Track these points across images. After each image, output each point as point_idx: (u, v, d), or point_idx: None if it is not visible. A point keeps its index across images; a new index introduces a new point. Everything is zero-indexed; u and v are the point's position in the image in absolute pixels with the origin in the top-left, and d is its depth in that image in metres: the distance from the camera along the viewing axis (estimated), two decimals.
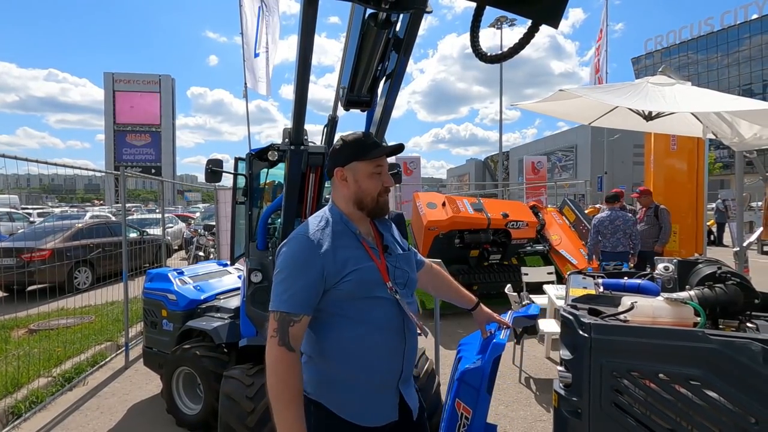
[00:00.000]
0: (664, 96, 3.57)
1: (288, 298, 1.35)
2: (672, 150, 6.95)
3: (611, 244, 5.17)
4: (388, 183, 1.53)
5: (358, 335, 1.44)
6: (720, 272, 1.68)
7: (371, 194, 1.50)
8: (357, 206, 1.52)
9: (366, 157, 1.48)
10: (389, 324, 1.48)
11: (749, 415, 1.31)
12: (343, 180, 1.52)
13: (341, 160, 1.52)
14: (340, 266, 1.40)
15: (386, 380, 1.50)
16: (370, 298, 1.45)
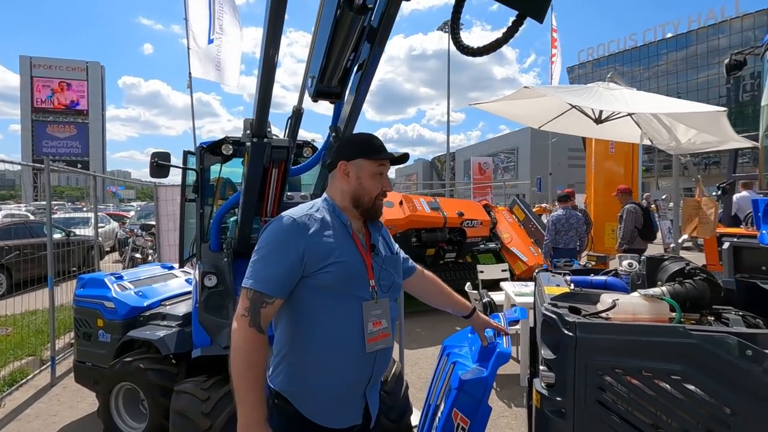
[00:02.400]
0: (615, 98, 3.76)
1: (264, 278, 1.33)
2: (611, 153, 7.43)
3: (564, 241, 5.42)
4: (387, 187, 1.54)
5: (331, 336, 1.39)
6: (689, 268, 1.75)
7: (370, 194, 1.50)
8: (353, 203, 1.51)
9: (373, 156, 1.49)
10: (361, 323, 1.42)
11: (725, 407, 1.36)
12: (345, 174, 1.51)
13: (347, 154, 1.51)
14: (324, 254, 1.37)
15: (355, 384, 1.46)
16: (349, 294, 1.41)
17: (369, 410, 1.51)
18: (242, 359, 1.29)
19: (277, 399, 1.44)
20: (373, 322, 1.44)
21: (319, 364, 1.39)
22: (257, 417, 1.27)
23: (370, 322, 1.43)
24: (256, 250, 1.41)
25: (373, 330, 1.44)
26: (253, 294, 1.33)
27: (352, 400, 1.46)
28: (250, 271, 1.37)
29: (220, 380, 2.60)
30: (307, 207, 1.49)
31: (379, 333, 1.45)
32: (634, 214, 5.47)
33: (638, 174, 7.20)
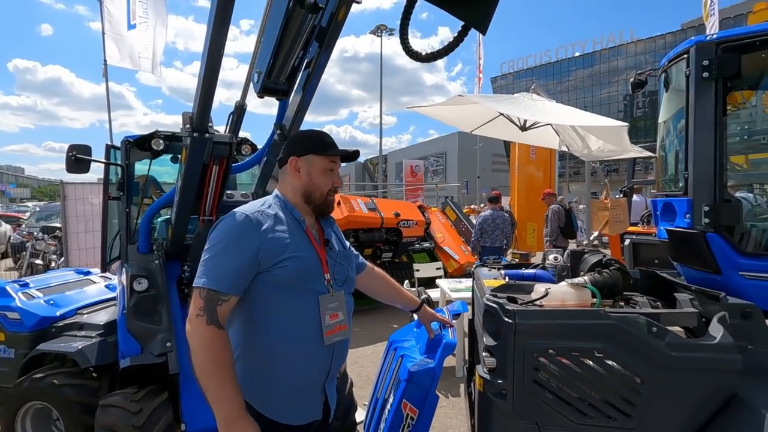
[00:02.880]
0: (538, 109, 4.12)
1: (218, 276, 1.31)
2: (531, 159, 8.07)
3: (491, 240, 5.80)
4: (338, 183, 1.56)
5: (288, 330, 1.39)
6: (605, 260, 1.99)
7: (321, 190, 1.52)
8: (305, 199, 1.52)
9: (323, 153, 1.51)
10: (318, 317, 1.44)
11: (636, 377, 1.57)
12: (296, 170, 1.51)
13: (298, 150, 1.52)
14: (279, 249, 1.37)
15: (315, 378, 1.47)
16: (303, 288, 1.42)
17: (328, 404, 1.52)
18: (208, 359, 1.25)
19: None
20: (330, 315, 1.46)
21: (278, 360, 1.38)
22: (236, 409, 1.23)
23: (327, 315, 1.45)
24: (208, 249, 1.37)
25: (331, 323, 1.46)
26: (207, 293, 1.29)
27: (312, 396, 1.47)
28: (202, 270, 1.33)
29: (153, 391, 2.44)
30: (259, 204, 1.48)
31: (336, 325, 1.48)
32: (558, 214, 6.06)
33: (555, 178, 7.91)
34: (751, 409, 1.45)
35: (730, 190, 1.93)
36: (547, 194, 6.45)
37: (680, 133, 2.16)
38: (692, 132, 1.97)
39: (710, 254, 1.92)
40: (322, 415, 1.50)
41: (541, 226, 7.97)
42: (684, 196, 2.01)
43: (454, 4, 1.56)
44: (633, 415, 1.56)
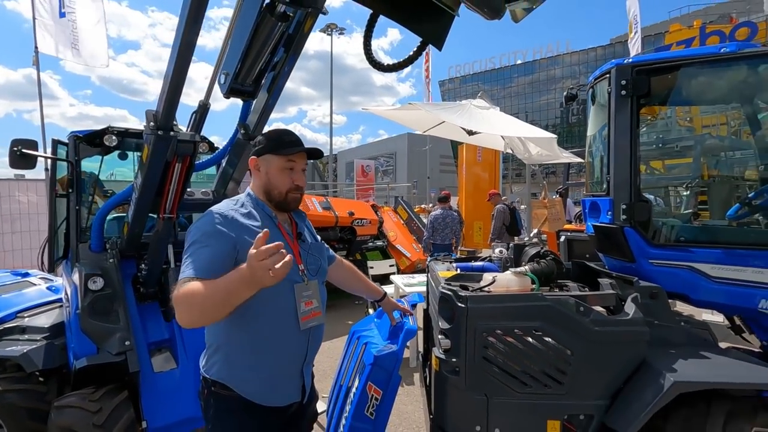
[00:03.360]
0: (483, 117, 4.44)
1: (200, 266, 1.34)
2: (478, 161, 8.53)
3: (441, 238, 6.10)
4: (298, 181, 1.60)
5: (267, 318, 1.48)
6: (543, 251, 2.27)
7: (279, 189, 1.57)
8: (266, 197, 1.59)
9: (278, 152, 1.56)
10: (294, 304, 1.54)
11: (567, 349, 1.84)
12: (256, 170, 1.59)
13: (257, 150, 1.59)
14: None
15: (294, 361, 1.57)
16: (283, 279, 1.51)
17: (305, 387, 1.63)
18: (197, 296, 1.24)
19: (215, 387, 1.48)
20: (305, 302, 1.57)
21: (259, 346, 1.47)
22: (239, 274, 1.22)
23: (302, 302, 1.56)
24: (188, 247, 1.42)
25: (306, 309, 1.57)
26: (181, 281, 1.33)
27: (291, 378, 1.57)
28: (185, 265, 1.37)
29: (112, 390, 2.41)
30: (232, 203, 1.56)
31: (311, 312, 1.59)
32: (503, 213, 6.51)
33: (499, 179, 8.43)
34: (655, 372, 1.76)
35: (643, 191, 2.27)
36: (493, 194, 6.90)
37: (604, 141, 2.49)
38: (613, 141, 2.30)
39: (627, 245, 2.25)
40: (300, 397, 1.61)
41: (487, 225, 8.46)
42: (607, 196, 2.33)
43: (413, 22, 1.74)
44: (565, 382, 1.83)
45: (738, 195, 2.51)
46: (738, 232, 2.29)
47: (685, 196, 2.57)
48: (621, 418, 1.75)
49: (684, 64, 2.20)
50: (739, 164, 2.57)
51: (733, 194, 2.50)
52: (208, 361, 1.52)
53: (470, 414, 1.88)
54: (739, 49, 2.10)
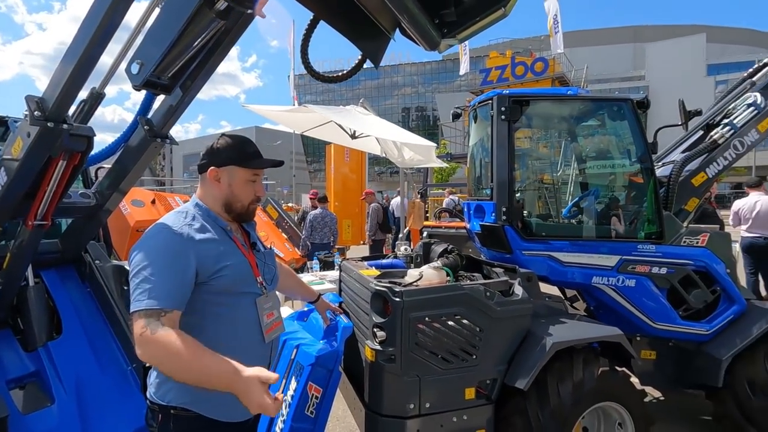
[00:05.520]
0: (366, 122, 4.74)
1: (157, 295, 1.26)
2: (346, 161, 8.88)
3: (320, 237, 6.22)
4: (260, 193, 1.58)
5: (230, 333, 1.45)
6: (449, 248, 2.66)
7: (242, 201, 1.52)
8: (225, 209, 1.52)
9: (245, 165, 1.50)
10: (257, 318, 1.54)
11: (477, 327, 2.24)
12: (216, 180, 1.50)
13: (218, 161, 1.49)
14: (213, 261, 1.40)
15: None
16: (240, 293, 1.49)
17: None
18: (178, 360, 1.19)
19: (174, 410, 1.37)
20: (267, 314, 1.56)
21: None
22: (230, 370, 1.19)
23: (264, 315, 1.54)
24: (137, 272, 1.29)
25: (268, 321, 1.56)
26: (145, 313, 1.24)
27: None
28: (137, 295, 1.26)
29: None
30: (181, 216, 1.44)
31: (273, 323, 1.59)
32: (377, 212, 6.96)
33: (366, 179, 8.94)
34: (537, 338, 2.29)
35: (517, 196, 2.85)
36: (368, 194, 7.34)
37: (485, 154, 3.02)
38: (495, 155, 2.82)
39: (506, 240, 2.80)
40: None
41: (355, 223, 8.90)
42: (491, 200, 2.85)
43: (353, 35, 1.87)
44: (476, 355, 2.23)
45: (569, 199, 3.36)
46: (575, 227, 3.08)
47: (543, 200, 3.31)
48: (517, 376, 2.22)
49: (545, 99, 2.85)
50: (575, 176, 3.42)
51: (568, 198, 3.33)
52: (160, 387, 1.40)
53: (405, 395, 2.13)
54: (576, 93, 2.84)
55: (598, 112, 3.04)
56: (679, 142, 3.37)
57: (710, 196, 6.14)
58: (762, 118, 2.85)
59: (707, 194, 6.07)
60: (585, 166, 3.35)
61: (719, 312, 2.72)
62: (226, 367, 1.20)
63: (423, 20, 1.68)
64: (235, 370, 1.19)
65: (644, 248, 2.71)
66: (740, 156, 2.91)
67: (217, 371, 1.20)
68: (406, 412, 2.13)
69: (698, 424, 3.11)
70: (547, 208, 3.28)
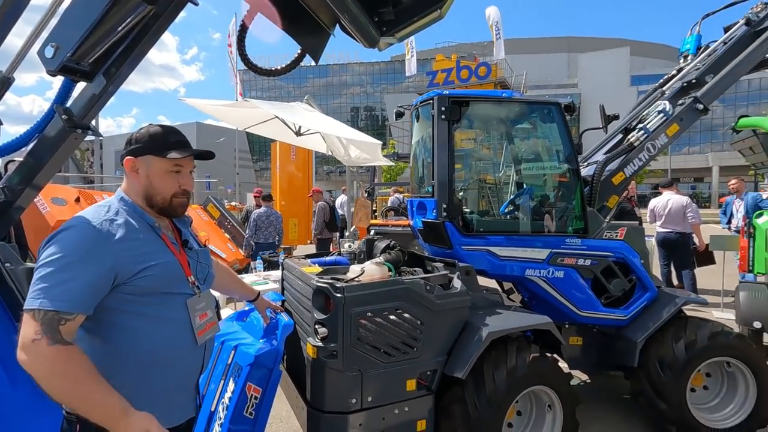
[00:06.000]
0: (312, 118, 4.70)
1: (60, 294, 1.16)
2: (292, 159, 8.72)
3: (264, 236, 6.05)
4: (186, 185, 1.49)
5: (157, 335, 1.37)
6: (391, 244, 2.70)
7: (162, 194, 1.44)
8: (146, 202, 1.44)
9: (162, 155, 1.42)
10: (188, 320, 1.47)
11: (418, 320, 2.30)
12: (134, 171, 1.42)
13: (136, 150, 1.41)
14: (136, 260, 1.31)
15: (189, 378, 1.50)
16: (169, 294, 1.41)
17: (198, 399, 1.55)
18: (64, 381, 1.12)
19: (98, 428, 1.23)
20: (199, 315, 1.48)
21: (151, 368, 1.33)
22: (119, 407, 1.14)
23: (196, 317, 1.46)
24: (43, 265, 1.19)
25: (201, 322, 1.49)
26: (44, 314, 1.14)
27: (187, 395, 1.47)
28: (37, 290, 1.16)
29: None
30: (102, 210, 1.34)
31: (207, 324, 1.52)
32: (324, 210, 6.88)
33: (312, 178, 8.83)
34: (475, 328, 2.40)
35: (457, 193, 2.95)
36: (315, 192, 7.26)
37: (427, 152, 3.10)
38: (436, 154, 2.91)
39: (446, 236, 2.89)
40: (195, 412, 1.53)
41: (302, 222, 8.76)
42: (432, 197, 2.94)
43: (293, 29, 1.85)
44: (417, 347, 2.29)
45: (506, 197, 3.53)
46: (510, 223, 3.25)
47: (481, 198, 3.45)
48: (456, 366, 2.31)
49: (483, 101, 2.98)
50: (508, 174, 3.60)
51: (505, 196, 3.50)
52: None
53: (347, 390, 2.14)
54: (512, 95, 3.00)
55: (531, 115, 3.22)
56: (602, 144, 3.66)
57: (631, 196, 6.73)
58: (670, 124, 3.17)
59: (629, 194, 6.68)
60: (520, 166, 3.54)
61: (635, 299, 2.99)
62: (113, 402, 1.15)
63: (362, 18, 1.70)
64: (123, 410, 1.15)
65: (571, 242, 2.92)
66: (653, 157, 3.22)
67: (102, 404, 1.14)
68: (348, 407, 2.14)
69: (619, 403, 3.40)
70: (485, 206, 3.43)
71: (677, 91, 3.48)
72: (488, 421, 2.26)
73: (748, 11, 3.67)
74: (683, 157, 42.94)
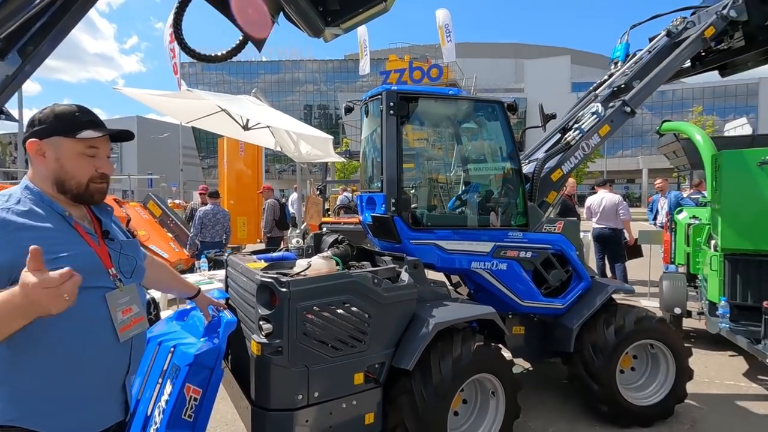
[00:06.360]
0: (261, 112, 4.57)
1: None
2: (240, 155, 8.43)
3: (211, 235, 5.79)
4: (103, 168, 1.38)
5: (71, 333, 1.26)
6: (339, 238, 2.68)
7: (77, 178, 1.33)
8: (57, 189, 1.32)
9: (73, 135, 1.31)
10: (108, 315, 1.36)
11: (366, 314, 2.30)
12: (40, 155, 1.31)
13: (40, 132, 1.30)
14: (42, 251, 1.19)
15: (114, 378, 1.39)
16: (84, 289, 1.27)
17: (128, 402, 1.44)
18: None
19: (1, 429, 1.16)
20: (122, 311, 1.37)
21: (65, 370, 1.23)
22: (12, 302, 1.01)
23: (118, 311, 1.36)
24: None
25: (124, 318, 1.38)
26: None
27: (111, 398, 1.36)
28: None
29: None
30: (3, 199, 1.23)
31: (132, 319, 1.42)
32: (274, 208, 6.70)
33: (262, 175, 8.59)
34: (422, 320, 2.44)
35: (405, 188, 2.98)
36: (266, 189, 7.06)
37: (376, 148, 3.11)
38: (385, 149, 2.92)
39: (395, 230, 2.92)
40: (123, 415, 1.42)
41: (251, 220, 8.49)
42: (381, 192, 2.95)
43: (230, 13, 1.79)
44: (365, 341, 2.29)
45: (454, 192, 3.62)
46: (457, 218, 3.33)
47: (430, 193, 3.51)
48: (403, 358, 2.33)
49: (430, 97, 3.03)
50: (456, 171, 3.70)
51: (452, 192, 3.59)
52: None
53: (293, 386, 2.10)
54: (457, 93, 3.08)
55: (476, 113, 3.33)
56: (543, 143, 3.86)
57: (572, 194, 7.14)
58: (602, 125, 3.39)
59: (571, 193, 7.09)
60: (466, 162, 3.65)
61: (571, 288, 3.17)
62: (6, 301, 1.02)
63: (306, 6, 1.67)
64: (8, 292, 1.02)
65: (514, 235, 3.05)
66: (587, 155, 3.43)
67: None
68: (294, 403, 2.10)
69: (558, 388, 3.59)
70: (433, 201, 3.49)
71: (608, 95, 3.74)
72: (435, 409, 2.31)
73: (669, 24, 4.02)
74: (617, 160, 46.21)
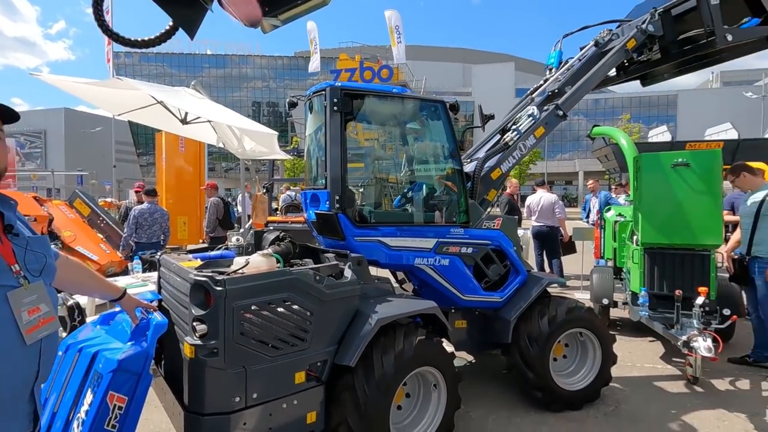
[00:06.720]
0: (201, 105, 4.36)
1: None
2: (180, 152, 8.01)
3: (147, 235, 5.43)
4: None
5: None
6: (281, 236, 2.61)
7: None
8: None
9: None
10: (11, 315, 1.25)
11: (308, 311, 2.27)
12: None
13: None
14: None
15: (20, 385, 1.28)
16: None
17: (38, 412, 1.32)
18: None
19: None
20: (28, 310, 1.27)
21: None
22: None
23: (24, 312, 1.25)
24: None
25: (31, 318, 1.27)
26: None
27: (17, 407, 1.24)
28: None
29: None
30: None
31: (40, 320, 1.30)
32: (217, 206, 6.40)
33: (205, 172, 8.20)
34: (364, 316, 2.44)
35: (349, 185, 2.97)
36: (209, 186, 6.74)
37: (320, 144, 3.07)
38: (329, 146, 2.89)
39: (339, 227, 2.90)
40: (32, 426, 1.30)
41: (192, 220, 8.09)
42: (325, 189, 2.92)
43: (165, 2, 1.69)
44: (306, 339, 2.25)
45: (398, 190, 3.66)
46: (400, 215, 3.37)
47: (374, 191, 3.52)
48: (346, 355, 2.32)
49: (374, 95, 3.04)
50: (400, 169, 3.74)
51: (400, 191, 3.63)
52: None
53: (229, 388, 2.02)
54: (402, 91, 3.12)
55: (420, 112, 3.38)
56: (484, 143, 4.00)
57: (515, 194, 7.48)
58: (537, 127, 3.57)
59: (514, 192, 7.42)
60: (412, 160, 3.70)
61: (509, 282, 3.31)
62: None
63: None
64: None
65: (455, 231, 3.13)
66: (524, 155, 3.60)
67: None
68: (231, 406, 2.03)
69: (498, 378, 3.74)
70: (378, 198, 3.51)
71: (543, 99, 3.95)
72: (377, 405, 2.32)
73: (597, 35, 4.32)
74: (557, 163, 49.04)
